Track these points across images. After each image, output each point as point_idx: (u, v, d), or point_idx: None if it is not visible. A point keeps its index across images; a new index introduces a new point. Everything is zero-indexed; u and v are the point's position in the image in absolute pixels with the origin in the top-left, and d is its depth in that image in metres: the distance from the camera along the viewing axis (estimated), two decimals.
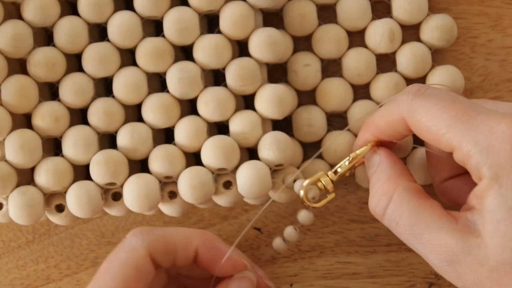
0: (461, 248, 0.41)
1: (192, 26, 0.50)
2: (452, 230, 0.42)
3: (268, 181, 0.49)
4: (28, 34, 0.50)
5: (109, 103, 0.51)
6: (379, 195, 0.46)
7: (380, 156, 0.48)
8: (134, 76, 0.50)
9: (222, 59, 0.50)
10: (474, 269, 0.41)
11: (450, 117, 0.42)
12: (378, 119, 0.47)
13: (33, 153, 0.49)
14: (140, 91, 0.50)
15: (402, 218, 0.44)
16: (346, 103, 0.53)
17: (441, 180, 0.49)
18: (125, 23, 0.50)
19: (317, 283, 0.56)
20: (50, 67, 0.50)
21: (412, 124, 0.44)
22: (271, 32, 0.50)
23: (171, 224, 0.56)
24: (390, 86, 0.53)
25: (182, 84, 0.50)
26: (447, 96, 0.44)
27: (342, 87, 0.53)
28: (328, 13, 0.54)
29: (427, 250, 0.43)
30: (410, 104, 0.44)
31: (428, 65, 0.53)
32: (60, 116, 0.50)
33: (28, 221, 0.50)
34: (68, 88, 0.50)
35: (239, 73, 0.50)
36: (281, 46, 0.50)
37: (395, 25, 0.53)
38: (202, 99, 0.50)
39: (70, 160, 0.50)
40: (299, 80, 0.53)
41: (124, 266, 0.45)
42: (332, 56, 0.53)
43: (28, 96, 0.50)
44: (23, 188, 0.50)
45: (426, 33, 0.53)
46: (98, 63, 0.50)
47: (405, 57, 0.53)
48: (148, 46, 0.50)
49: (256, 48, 0.50)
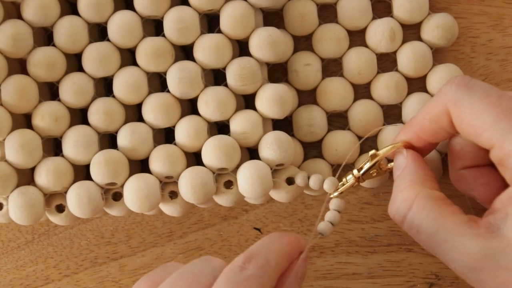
0: (484, 254, 0.40)
1: (192, 26, 0.50)
2: (475, 236, 0.41)
3: (269, 181, 0.49)
4: (28, 34, 0.50)
5: (109, 103, 0.51)
6: (400, 202, 0.45)
7: (407, 159, 0.47)
8: (134, 76, 0.50)
9: (223, 59, 0.50)
10: (499, 274, 0.40)
11: (496, 113, 0.41)
12: (421, 116, 0.46)
13: (33, 153, 0.49)
14: (140, 91, 0.50)
15: (423, 226, 0.43)
16: (346, 102, 0.53)
17: (459, 167, 0.48)
18: (125, 22, 0.50)
19: (317, 283, 0.55)
20: (50, 67, 0.50)
21: (455, 115, 0.43)
22: (272, 31, 0.50)
23: (171, 224, 0.56)
24: (391, 86, 0.52)
25: (183, 84, 0.50)
26: (493, 91, 0.43)
27: (343, 87, 0.53)
28: (328, 13, 0.54)
29: (449, 257, 0.42)
30: (455, 94, 0.43)
31: (429, 64, 0.53)
32: (60, 116, 0.50)
33: (28, 221, 0.49)
34: (68, 88, 0.50)
35: (239, 73, 0.50)
36: (282, 45, 0.50)
37: (395, 24, 0.53)
38: (203, 98, 0.50)
39: (70, 160, 0.50)
40: (300, 79, 0.53)
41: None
42: (333, 56, 0.53)
43: (28, 96, 0.50)
44: (23, 188, 0.49)
45: (427, 32, 0.53)
46: (98, 63, 0.50)
47: (406, 56, 0.53)
48: (148, 45, 0.50)
49: (256, 48, 0.50)
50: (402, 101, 0.53)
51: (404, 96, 0.53)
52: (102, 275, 0.56)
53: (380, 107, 0.53)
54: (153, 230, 0.56)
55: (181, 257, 0.56)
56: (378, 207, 0.55)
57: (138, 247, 0.56)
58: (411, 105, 0.53)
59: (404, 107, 0.53)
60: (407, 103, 0.53)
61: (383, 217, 0.55)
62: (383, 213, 0.55)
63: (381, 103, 0.53)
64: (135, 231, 0.56)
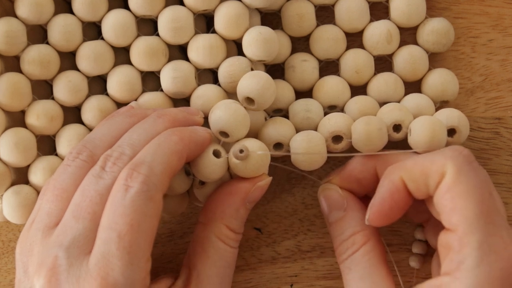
0: None
1: (187, 26, 0.50)
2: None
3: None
4: (22, 32, 0.50)
5: (104, 101, 0.51)
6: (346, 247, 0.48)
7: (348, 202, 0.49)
8: (128, 75, 0.51)
9: (216, 59, 0.50)
10: None
11: (479, 209, 0.42)
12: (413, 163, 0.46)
13: (28, 151, 0.50)
14: (134, 90, 0.51)
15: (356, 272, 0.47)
16: (343, 98, 0.53)
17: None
18: (120, 21, 0.50)
19: (317, 283, 0.55)
20: (45, 65, 0.50)
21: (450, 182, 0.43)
22: (262, 29, 0.50)
23: (171, 224, 0.56)
24: (388, 87, 0.52)
25: (176, 83, 0.50)
26: (488, 185, 0.44)
27: (340, 84, 0.53)
28: (326, 14, 0.55)
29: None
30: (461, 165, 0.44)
31: (425, 68, 0.53)
32: (56, 115, 0.50)
33: (22, 220, 0.50)
34: (63, 86, 0.50)
35: (228, 70, 0.50)
36: (273, 43, 0.50)
37: (392, 26, 0.53)
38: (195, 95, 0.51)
39: None
40: (297, 75, 0.53)
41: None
42: (330, 57, 0.53)
43: (21, 94, 0.50)
44: (17, 187, 0.50)
45: (422, 36, 0.53)
46: (92, 61, 0.50)
47: (403, 59, 0.53)
48: (142, 44, 0.50)
49: (247, 46, 0.50)
50: (399, 100, 0.53)
51: (401, 95, 0.53)
52: None
53: (377, 103, 0.53)
54: None
55: (182, 257, 0.56)
56: None
57: None
58: (407, 104, 0.52)
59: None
60: (403, 102, 0.53)
61: None
62: None
63: (378, 102, 0.53)
64: None
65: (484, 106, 0.55)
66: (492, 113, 0.55)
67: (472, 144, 0.55)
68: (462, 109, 0.55)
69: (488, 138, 0.55)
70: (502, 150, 0.55)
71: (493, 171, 0.55)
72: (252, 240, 0.56)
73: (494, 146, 0.55)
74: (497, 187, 0.54)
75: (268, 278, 0.55)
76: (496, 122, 0.55)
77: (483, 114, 0.55)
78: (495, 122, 0.55)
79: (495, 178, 0.55)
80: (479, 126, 0.55)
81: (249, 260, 0.55)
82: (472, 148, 0.55)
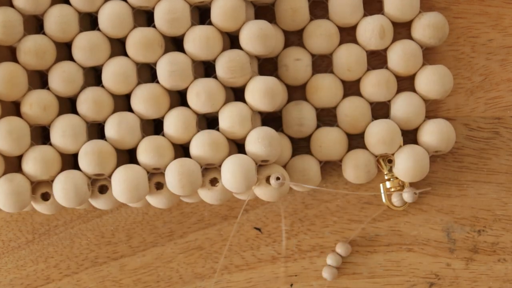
0: None
1: (183, 17, 0.50)
2: None
3: (253, 176, 0.49)
4: (18, 21, 0.50)
5: (98, 93, 0.51)
6: None
7: None
8: (123, 66, 0.50)
9: (213, 51, 0.50)
10: None
11: None
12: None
13: (21, 140, 0.49)
14: (129, 81, 0.50)
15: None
16: (336, 99, 0.53)
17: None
18: (116, 12, 0.50)
19: (317, 283, 0.55)
20: (40, 55, 0.50)
21: None
22: (262, 24, 0.50)
23: (172, 224, 0.56)
24: (382, 82, 0.53)
25: (173, 76, 0.50)
26: None
27: (333, 84, 0.53)
28: (320, 9, 0.55)
29: None
30: None
31: (419, 63, 0.53)
32: (49, 105, 0.50)
33: (14, 208, 0.49)
34: (58, 76, 0.50)
35: (228, 65, 0.50)
36: (272, 39, 0.50)
37: (386, 21, 0.53)
38: (193, 90, 0.50)
39: (58, 149, 0.50)
40: (290, 74, 0.53)
41: None
42: (323, 52, 0.53)
43: (16, 84, 0.50)
44: (10, 176, 0.49)
45: (417, 31, 0.53)
46: (88, 52, 0.50)
47: (396, 54, 0.53)
48: (138, 36, 0.50)
49: (246, 41, 0.50)
50: (391, 98, 0.53)
51: (393, 93, 0.53)
52: (102, 275, 0.56)
53: (368, 104, 0.53)
54: (154, 229, 0.56)
55: (182, 256, 0.56)
56: (378, 206, 0.55)
57: (138, 246, 0.56)
58: (399, 103, 0.53)
59: (393, 104, 0.53)
60: (396, 100, 0.53)
61: (383, 217, 0.55)
62: (383, 213, 0.55)
63: (370, 100, 0.53)
64: (135, 231, 0.56)
65: (484, 106, 0.55)
66: (492, 113, 0.55)
67: (472, 144, 0.55)
68: (462, 109, 0.55)
69: (488, 138, 0.55)
70: (501, 149, 0.55)
71: (492, 171, 0.55)
72: (252, 240, 0.56)
73: (494, 146, 0.55)
74: (497, 187, 0.54)
75: (268, 278, 0.55)
76: (495, 122, 0.55)
77: (483, 114, 0.55)
78: (495, 122, 0.55)
79: (495, 178, 0.55)
80: (479, 126, 0.55)
81: (249, 260, 0.55)
82: (472, 148, 0.55)
